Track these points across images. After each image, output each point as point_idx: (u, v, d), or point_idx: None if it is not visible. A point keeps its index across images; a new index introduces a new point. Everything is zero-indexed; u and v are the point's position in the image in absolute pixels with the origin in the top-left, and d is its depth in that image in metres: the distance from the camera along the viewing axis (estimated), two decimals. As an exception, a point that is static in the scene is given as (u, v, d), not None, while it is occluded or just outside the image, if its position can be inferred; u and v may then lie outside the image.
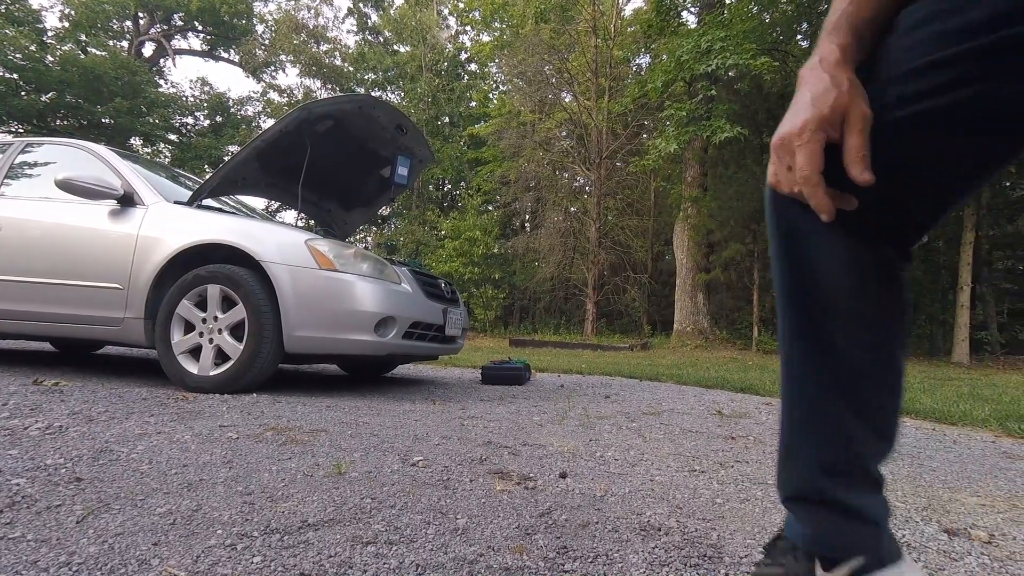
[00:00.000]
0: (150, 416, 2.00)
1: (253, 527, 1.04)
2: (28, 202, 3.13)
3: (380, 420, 2.25)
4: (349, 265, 2.86)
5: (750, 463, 1.83)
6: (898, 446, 0.72)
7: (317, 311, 2.74)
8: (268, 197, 4.25)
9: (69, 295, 2.91)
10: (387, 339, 2.89)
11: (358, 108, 3.40)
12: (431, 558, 0.94)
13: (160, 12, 23.43)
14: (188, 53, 26.36)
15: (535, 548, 1.01)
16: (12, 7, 17.33)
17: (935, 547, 1.13)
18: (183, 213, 2.94)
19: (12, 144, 3.47)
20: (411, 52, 22.03)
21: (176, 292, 2.78)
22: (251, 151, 3.20)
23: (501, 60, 18.28)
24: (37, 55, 17.23)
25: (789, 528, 0.75)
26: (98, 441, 1.59)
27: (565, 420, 2.53)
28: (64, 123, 19.10)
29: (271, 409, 2.32)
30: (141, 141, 22.00)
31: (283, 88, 25.36)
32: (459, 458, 1.67)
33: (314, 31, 24.07)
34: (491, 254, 16.93)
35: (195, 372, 2.72)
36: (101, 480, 1.26)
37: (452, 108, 21.48)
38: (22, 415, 1.86)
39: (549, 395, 3.49)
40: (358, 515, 1.13)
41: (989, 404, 3.49)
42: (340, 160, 3.83)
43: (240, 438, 1.75)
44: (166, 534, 0.98)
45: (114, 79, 18.88)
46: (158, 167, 3.87)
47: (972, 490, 1.63)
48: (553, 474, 1.55)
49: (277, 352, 2.73)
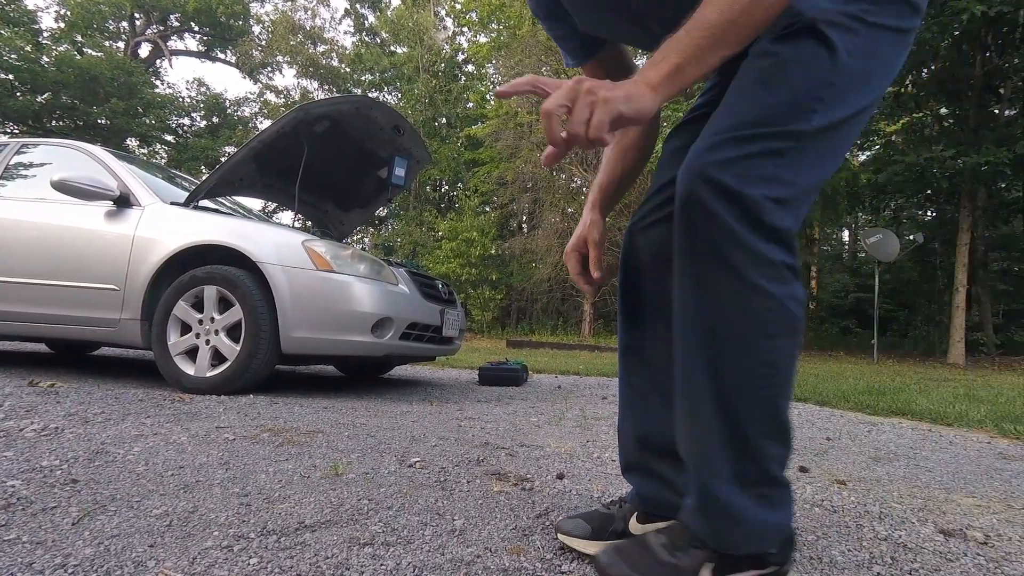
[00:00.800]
0: (146, 417, 1.99)
1: (250, 529, 1.03)
2: (24, 203, 3.12)
3: (377, 421, 2.24)
4: (346, 266, 2.86)
5: (747, 464, 1.83)
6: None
7: (314, 312, 2.74)
8: (265, 198, 4.25)
9: (65, 296, 2.90)
10: (384, 340, 2.89)
11: (355, 109, 3.40)
12: (428, 559, 0.94)
13: (156, 13, 23.40)
14: (184, 54, 26.35)
15: (532, 549, 1.01)
16: (7, 8, 17.27)
17: (931, 548, 1.13)
18: (180, 214, 2.94)
19: (8, 145, 3.46)
20: (408, 53, 22.03)
21: (173, 293, 2.77)
22: (248, 152, 3.19)
23: (498, 61, 18.29)
24: (33, 56, 17.19)
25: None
26: (94, 443, 1.59)
27: (562, 421, 2.53)
28: (60, 124, 19.06)
29: (268, 410, 2.31)
30: (137, 142, 21.96)
31: (280, 89, 25.34)
32: (456, 459, 1.67)
33: (311, 32, 24.05)
34: (488, 255, 16.93)
35: (192, 373, 2.71)
36: (97, 482, 1.25)
37: (449, 109, 21.47)
38: (18, 416, 1.85)
39: (546, 396, 3.49)
40: (355, 516, 1.13)
41: (985, 405, 3.51)
42: (337, 161, 3.82)
43: (237, 439, 1.74)
44: (162, 536, 0.98)
45: (110, 80, 18.85)
46: (154, 168, 3.86)
47: (968, 491, 1.63)
48: (550, 475, 1.55)
49: (274, 353, 2.72)
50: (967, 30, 9.45)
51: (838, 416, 3.15)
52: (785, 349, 0.73)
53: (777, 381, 0.74)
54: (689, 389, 0.77)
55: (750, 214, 0.70)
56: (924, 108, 12.22)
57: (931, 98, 11.88)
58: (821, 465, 1.87)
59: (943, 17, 9.02)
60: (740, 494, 0.74)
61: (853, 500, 1.46)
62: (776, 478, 0.75)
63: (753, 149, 0.71)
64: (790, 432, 0.76)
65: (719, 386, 0.74)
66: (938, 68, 11.30)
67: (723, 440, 0.74)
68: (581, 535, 0.98)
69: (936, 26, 9.28)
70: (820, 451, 2.12)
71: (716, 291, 0.72)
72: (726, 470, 0.74)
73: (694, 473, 0.79)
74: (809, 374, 5.97)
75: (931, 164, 10.01)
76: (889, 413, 3.29)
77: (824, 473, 1.76)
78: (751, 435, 0.73)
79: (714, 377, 0.74)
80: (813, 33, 0.71)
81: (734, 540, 0.75)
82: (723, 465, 0.74)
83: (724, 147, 0.72)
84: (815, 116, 0.71)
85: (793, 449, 0.79)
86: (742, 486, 0.74)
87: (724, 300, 0.72)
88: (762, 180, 0.70)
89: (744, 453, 0.74)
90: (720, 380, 0.73)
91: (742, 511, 0.74)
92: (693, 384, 0.76)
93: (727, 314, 0.72)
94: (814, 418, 3.01)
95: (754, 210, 0.70)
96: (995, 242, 13.96)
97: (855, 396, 3.82)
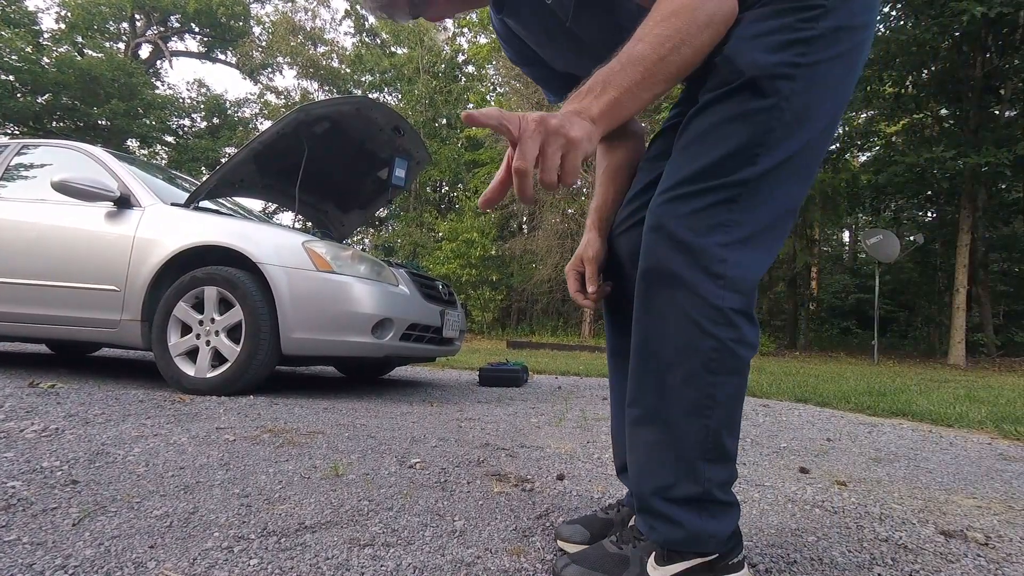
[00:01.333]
0: (147, 418, 1.99)
1: (250, 529, 1.03)
2: (24, 204, 3.12)
3: (377, 422, 2.24)
4: (346, 267, 2.86)
5: (747, 464, 1.83)
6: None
7: (314, 313, 2.74)
8: (265, 199, 4.25)
9: (66, 297, 2.90)
10: (384, 341, 2.89)
11: (355, 110, 3.40)
12: (428, 560, 0.94)
13: (157, 14, 23.42)
14: (185, 55, 26.35)
15: (532, 550, 1.01)
16: (8, 9, 17.29)
17: (932, 549, 1.13)
18: (180, 215, 2.94)
19: (8, 146, 3.46)
20: (408, 54, 22.05)
21: (173, 294, 2.77)
22: (248, 153, 3.19)
23: (498, 62, 18.29)
24: (33, 57, 17.20)
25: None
26: (94, 443, 1.59)
27: (563, 422, 2.53)
28: (60, 125, 19.07)
29: (268, 411, 2.31)
30: (138, 143, 21.97)
31: (280, 90, 25.36)
32: (457, 460, 1.67)
33: (311, 33, 24.07)
34: (488, 256, 16.92)
35: (192, 374, 2.71)
36: (97, 483, 1.26)
37: (449, 110, 21.48)
38: (18, 417, 1.85)
39: (547, 397, 3.49)
40: (355, 517, 1.13)
41: (985, 406, 3.50)
42: (337, 162, 3.83)
43: (237, 440, 1.74)
44: (163, 537, 0.98)
45: (110, 81, 18.86)
46: (155, 169, 3.86)
47: (968, 492, 1.63)
48: (551, 476, 1.55)
49: (274, 354, 2.72)
50: (967, 31, 9.46)
51: (838, 417, 3.15)
52: (728, 387, 0.78)
53: (719, 414, 0.78)
54: (638, 407, 0.83)
55: (700, 263, 0.76)
56: (924, 109, 12.24)
57: (931, 99, 11.89)
58: (821, 466, 1.87)
59: (943, 18, 9.03)
60: (681, 510, 0.79)
61: (854, 501, 1.46)
62: (718, 500, 0.79)
63: (705, 202, 0.77)
64: (733, 461, 0.81)
65: (665, 409, 0.80)
66: (938, 69, 11.31)
67: (666, 460, 0.80)
68: (580, 541, 1.00)
69: (936, 27, 9.29)
70: (820, 452, 2.12)
71: (666, 327, 0.79)
72: (669, 488, 0.79)
73: (635, 485, 0.84)
74: (809, 375, 5.97)
75: (931, 165, 10.02)
76: (889, 414, 3.29)
77: (824, 474, 1.76)
78: (693, 459, 0.78)
79: (661, 399, 0.80)
80: (751, 87, 0.76)
81: (675, 541, 0.80)
82: (665, 483, 0.80)
83: (678, 202, 0.78)
84: (761, 160, 0.76)
85: (738, 476, 0.84)
86: (683, 504, 0.79)
87: (673, 335, 0.79)
88: (716, 228, 0.76)
89: (686, 475, 0.79)
90: (667, 404, 0.80)
91: (683, 520, 0.79)
92: (642, 403, 0.83)
93: (676, 347, 0.78)
94: (814, 419, 3.01)
95: (705, 260, 0.76)
96: (995, 243, 13.96)
97: (855, 397, 3.82)
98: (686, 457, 0.78)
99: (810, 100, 0.77)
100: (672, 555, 0.81)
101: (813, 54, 0.76)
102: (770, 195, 0.78)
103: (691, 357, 0.77)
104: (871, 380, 5.60)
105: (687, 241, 0.76)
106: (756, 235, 0.78)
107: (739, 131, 0.76)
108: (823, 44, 0.76)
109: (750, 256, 0.78)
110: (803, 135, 0.77)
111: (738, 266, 0.77)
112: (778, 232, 0.81)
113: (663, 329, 0.79)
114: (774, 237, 0.80)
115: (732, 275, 0.77)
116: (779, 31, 0.76)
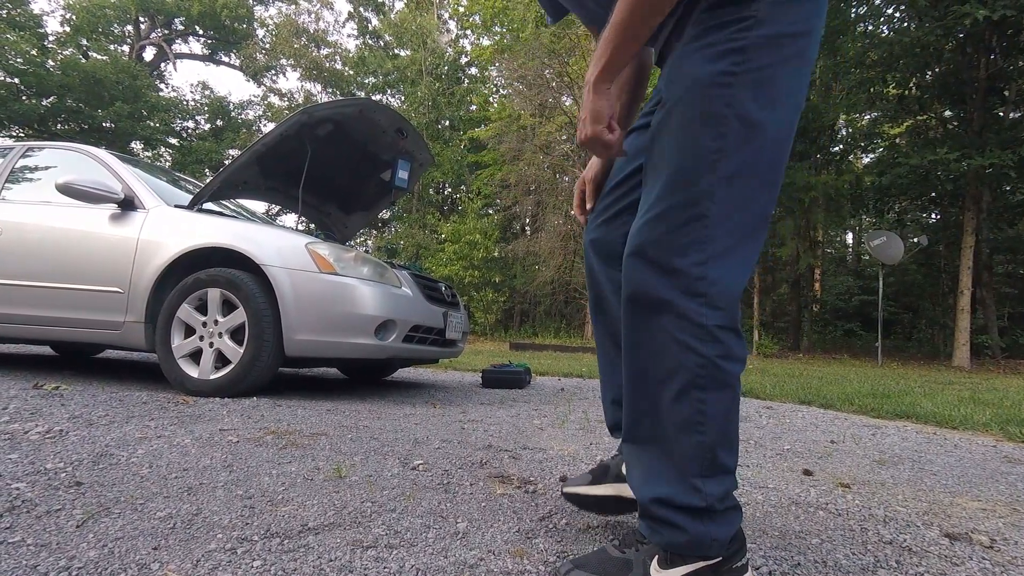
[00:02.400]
0: (150, 420, 2.00)
1: (253, 531, 1.04)
2: (29, 206, 3.14)
3: (380, 424, 2.25)
4: (349, 269, 2.86)
5: (750, 467, 1.83)
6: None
7: (317, 315, 2.74)
8: (268, 201, 4.25)
9: (70, 299, 2.91)
10: (387, 342, 2.89)
11: (358, 112, 3.40)
12: (431, 562, 0.94)
13: (161, 16, 23.52)
14: (189, 57, 26.45)
15: (535, 552, 1.01)
16: (13, 12, 17.38)
17: (936, 552, 1.13)
18: (184, 217, 2.95)
19: (13, 148, 3.48)
20: (411, 56, 22.06)
21: (176, 296, 2.78)
22: (251, 155, 3.20)
23: (501, 64, 18.28)
24: (38, 59, 17.28)
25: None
26: (98, 445, 1.59)
27: (565, 424, 2.53)
28: (65, 127, 19.14)
29: (271, 413, 2.32)
30: (142, 145, 22.05)
31: (283, 92, 25.43)
32: (459, 462, 1.67)
33: (315, 35, 24.12)
34: (491, 258, 16.92)
35: (195, 376, 2.72)
36: (101, 484, 1.26)
37: (452, 112, 21.51)
38: (22, 419, 1.86)
39: (549, 399, 3.49)
40: (358, 519, 1.13)
41: (990, 408, 3.49)
42: (340, 164, 3.83)
43: (240, 442, 1.75)
44: (166, 538, 0.98)
45: (115, 83, 18.93)
46: (158, 171, 3.87)
47: (973, 494, 1.62)
48: (553, 478, 1.55)
49: (277, 356, 2.73)
50: (971, 33, 9.43)
51: (842, 419, 3.14)
52: (719, 403, 0.80)
53: (712, 430, 0.80)
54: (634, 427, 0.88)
55: (680, 284, 0.80)
56: (928, 111, 12.20)
57: (935, 101, 11.85)
58: (825, 468, 1.87)
59: (947, 20, 9.01)
60: (682, 516, 0.80)
61: (857, 503, 1.45)
62: (716, 510, 0.80)
63: (678, 221, 0.81)
64: (732, 473, 0.83)
65: (661, 428, 0.83)
66: (942, 71, 11.28)
67: (666, 477, 0.83)
68: (583, 482, 1.10)
69: (940, 29, 9.27)
70: (824, 454, 2.11)
71: (654, 349, 0.83)
72: (668, 498, 0.81)
73: (638, 493, 0.86)
74: (813, 377, 5.95)
75: (935, 167, 9.99)
76: (893, 416, 3.27)
77: (828, 476, 1.75)
78: (692, 476, 0.81)
79: (656, 419, 0.84)
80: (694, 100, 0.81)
81: (678, 544, 0.82)
82: (665, 495, 0.81)
83: (654, 223, 0.83)
84: (719, 167, 0.79)
85: (738, 486, 0.85)
86: (683, 512, 0.80)
87: (662, 356, 0.82)
88: (691, 247, 0.80)
89: (686, 491, 0.81)
90: (661, 423, 0.83)
91: (684, 525, 0.81)
92: (638, 424, 0.87)
93: (666, 367, 0.82)
94: (818, 421, 3.00)
95: (685, 281, 0.80)
96: (1000, 245, 13.89)
97: (859, 399, 3.80)
98: (684, 474, 0.81)
99: (756, 106, 0.79)
100: (675, 558, 0.82)
101: (748, 62, 0.79)
102: (737, 204, 0.81)
103: (680, 375, 0.80)
104: (875, 382, 5.58)
105: (665, 264, 0.81)
106: (731, 248, 0.81)
107: (693, 141, 0.81)
108: (759, 52, 0.79)
109: (728, 270, 0.81)
110: (756, 140, 0.80)
111: (717, 282, 0.80)
112: (753, 242, 0.83)
113: (652, 351, 0.83)
114: (749, 248, 0.83)
115: (712, 292, 0.80)
116: (715, 43, 0.80)
